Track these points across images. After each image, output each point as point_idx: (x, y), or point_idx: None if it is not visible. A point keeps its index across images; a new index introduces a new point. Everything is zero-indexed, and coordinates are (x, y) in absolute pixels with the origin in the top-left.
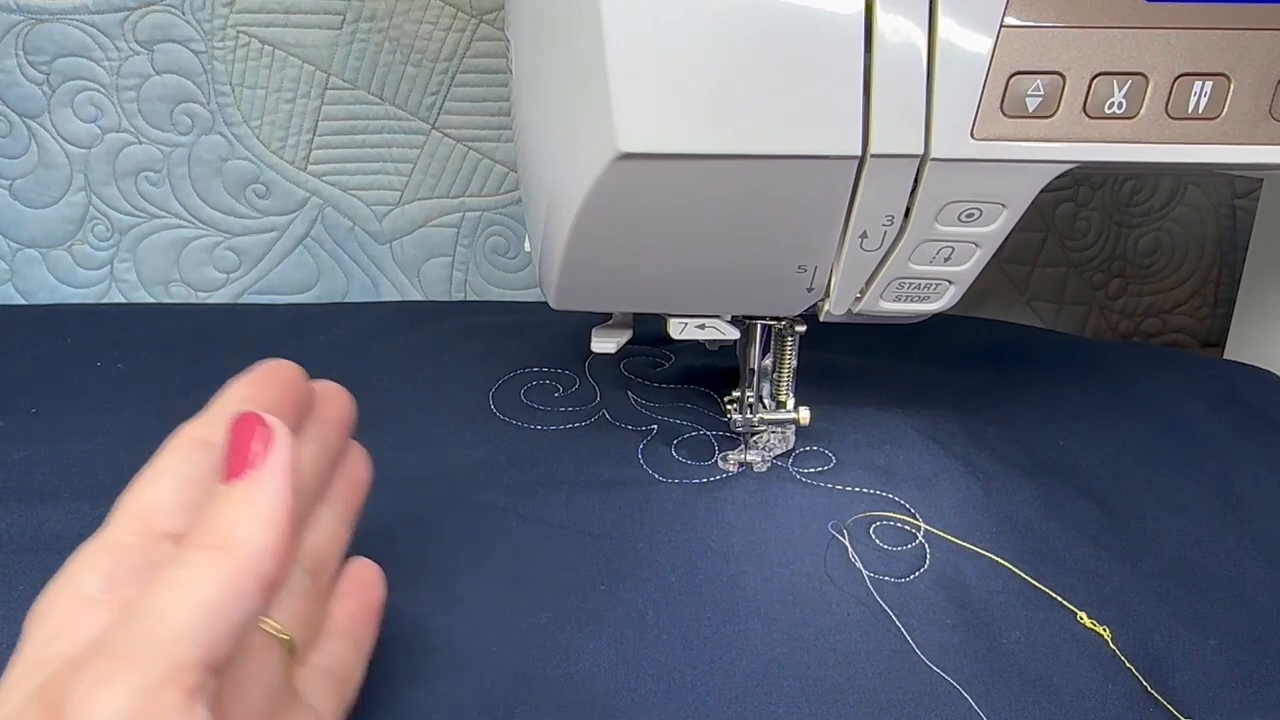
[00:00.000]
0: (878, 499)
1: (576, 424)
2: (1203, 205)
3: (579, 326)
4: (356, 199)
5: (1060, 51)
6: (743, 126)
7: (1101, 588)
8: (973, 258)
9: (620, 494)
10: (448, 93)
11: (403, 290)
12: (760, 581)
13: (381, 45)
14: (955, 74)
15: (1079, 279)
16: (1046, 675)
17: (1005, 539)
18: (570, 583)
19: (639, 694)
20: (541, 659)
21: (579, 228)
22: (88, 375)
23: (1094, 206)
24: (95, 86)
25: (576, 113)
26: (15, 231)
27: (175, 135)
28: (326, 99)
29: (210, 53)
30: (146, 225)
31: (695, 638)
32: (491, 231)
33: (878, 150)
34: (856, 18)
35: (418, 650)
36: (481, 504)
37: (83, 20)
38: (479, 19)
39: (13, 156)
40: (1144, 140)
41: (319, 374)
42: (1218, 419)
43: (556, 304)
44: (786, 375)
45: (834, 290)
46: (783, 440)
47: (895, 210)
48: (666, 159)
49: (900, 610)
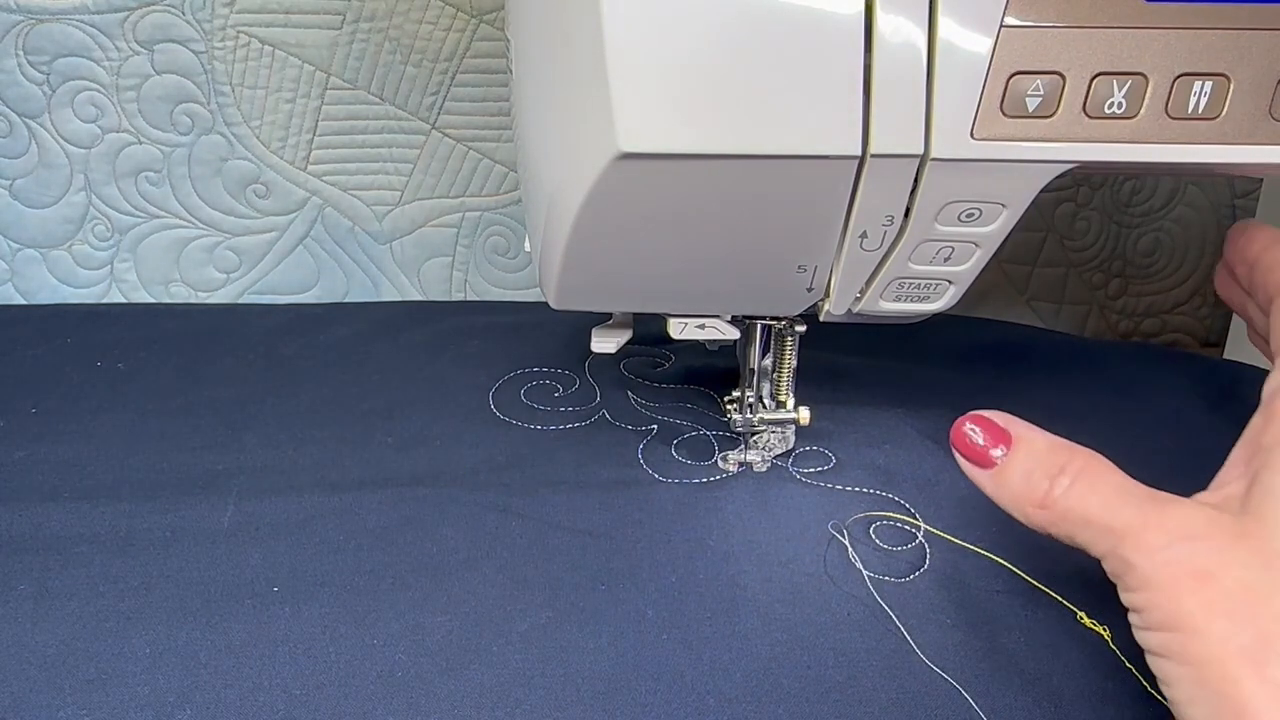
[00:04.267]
0: (878, 499)
1: (576, 424)
2: (1203, 205)
3: (579, 326)
4: (356, 199)
5: (1060, 51)
6: (743, 127)
7: (1102, 588)
8: (973, 258)
9: (620, 494)
10: (448, 93)
11: (403, 290)
12: (760, 581)
13: (381, 45)
14: (955, 74)
15: (1079, 279)
16: (1046, 675)
17: (1005, 539)
18: (570, 583)
19: (639, 694)
20: (541, 659)
21: (579, 228)
22: (88, 375)
23: (1094, 206)
24: (95, 86)
25: (576, 113)
26: (15, 231)
27: (175, 135)
28: (326, 99)
29: (210, 53)
30: (146, 225)
31: (695, 638)
32: (491, 231)
33: (878, 150)
34: (856, 18)
35: (418, 650)
36: (481, 504)
37: (83, 20)
38: (479, 19)
39: (13, 156)
40: (1144, 140)
41: (319, 374)
42: (1217, 419)
43: (556, 304)
44: (786, 375)
45: (834, 290)
46: (783, 440)
47: (895, 210)
48: (666, 159)
49: (900, 610)
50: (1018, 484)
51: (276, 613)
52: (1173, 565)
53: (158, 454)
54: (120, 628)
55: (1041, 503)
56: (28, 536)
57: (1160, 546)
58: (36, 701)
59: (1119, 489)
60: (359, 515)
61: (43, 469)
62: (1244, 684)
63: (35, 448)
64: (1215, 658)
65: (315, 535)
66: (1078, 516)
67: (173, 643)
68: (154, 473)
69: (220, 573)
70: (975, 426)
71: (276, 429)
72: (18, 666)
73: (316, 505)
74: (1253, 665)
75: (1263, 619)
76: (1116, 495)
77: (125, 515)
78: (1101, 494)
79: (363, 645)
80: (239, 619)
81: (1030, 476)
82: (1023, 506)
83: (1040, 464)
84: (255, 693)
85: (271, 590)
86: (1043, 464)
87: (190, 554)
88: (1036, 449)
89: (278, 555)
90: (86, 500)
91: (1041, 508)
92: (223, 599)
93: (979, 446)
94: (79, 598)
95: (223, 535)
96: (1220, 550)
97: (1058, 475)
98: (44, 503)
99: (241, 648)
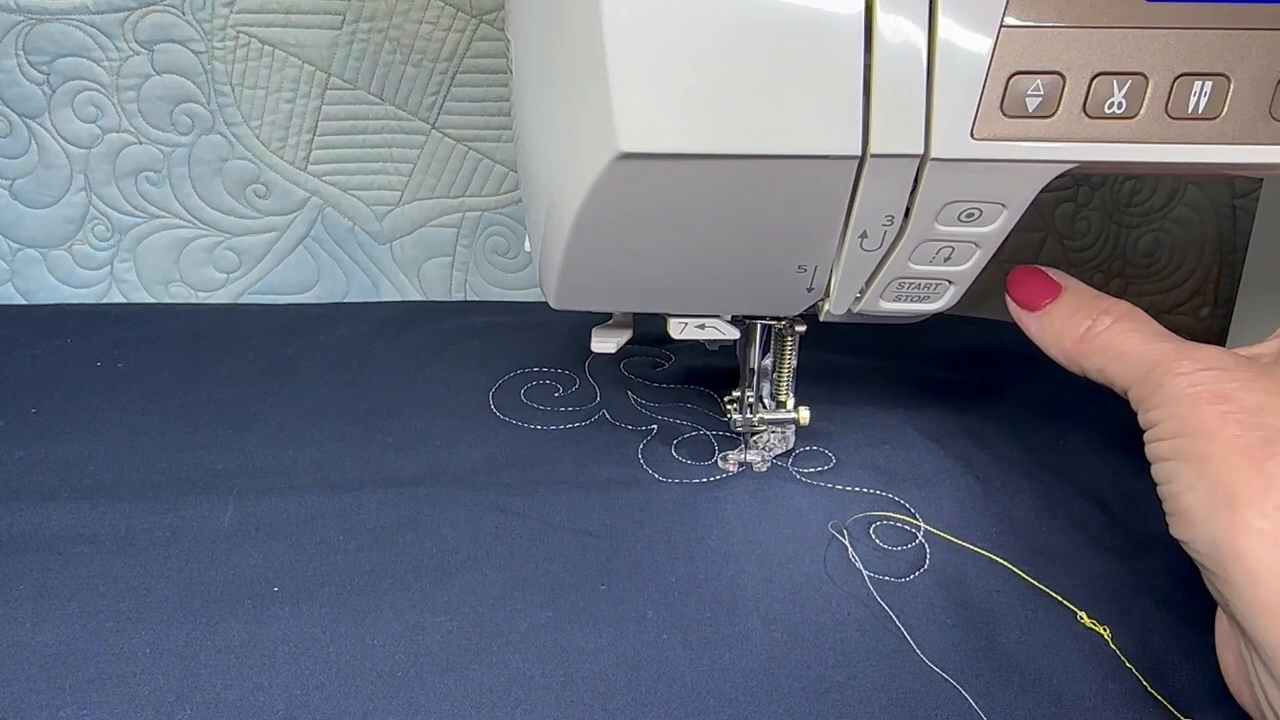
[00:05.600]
0: (878, 499)
1: (576, 424)
2: (1203, 205)
3: (579, 326)
4: (356, 199)
5: (1060, 51)
6: (743, 126)
7: (1101, 588)
8: (973, 258)
9: (620, 494)
10: (448, 93)
11: (403, 290)
12: (760, 581)
13: (381, 45)
14: (955, 74)
15: (1079, 279)
16: (1046, 675)
17: (1005, 539)
18: (570, 583)
19: (639, 694)
20: (541, 659)
21: (579, 228)
22: (88, 375)
23: (1094, 206)
24: (95, 86)
25: (576, 113)
26: (15, 231)
27: (175, 135)
28: (326, 99)
29: (210, 53)
30: (146, 225)
31: (695, 637)
32: (491, 231)
33: (878, 150)
34: (856, 18)
35: (418, 650)
36: (481, 504)
37: (83, 20)
38: (479, 19)
39: (13, 156)
40: (1144, 140)
41: (319, 374)
42: None
43: (556, 304)
44: (786, 375)
45: (834, 290)
46: (783, 440)
47: (895, 210)
48: (666, 159)
49: (900, 610)
50: (1061, 322)
51: (276, 613)
52: (1198, 386)
53: (158, 454)
54: (120, 628)
55: (1083, 337)
56: (28, 536)
57: (1189, 371)
58: (36, 701)
59: (1156, 331)
60: (359, 515)
61: (43, 469)
62: (1242, 473)
63: (35, 448)
64: (1221, 453)
65: (315, 535)
66: (1116, 350)
67: (173, 643)
68: (154, 473)
69: (220, 573)
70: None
71: (276, 429)
72: (18, 666)
73: (316, 505)
74: (1252, 460)
75: (1269, 427)
76: (1154, 334)
77: (125, 515)
78: (1141, 332)
79: (363, 645)
80: (239, 619)
81: (1075, 314)
82: (1062, 341)
83: (1086, 305)
84: (255, 693)
85: (271, 590)
86: (1088, 305)
87: (190, 554)
88: (1084, 294)
89: (278, 555)
90: (86, 500)
91: (1082, 341)
92: (223, 599)
93: (1034, 290)
94: (79, 598)
95: (223, 535)
96: (1244, 381)
97: (1101, 314)
98: (44, 503)
99: (241, 648)
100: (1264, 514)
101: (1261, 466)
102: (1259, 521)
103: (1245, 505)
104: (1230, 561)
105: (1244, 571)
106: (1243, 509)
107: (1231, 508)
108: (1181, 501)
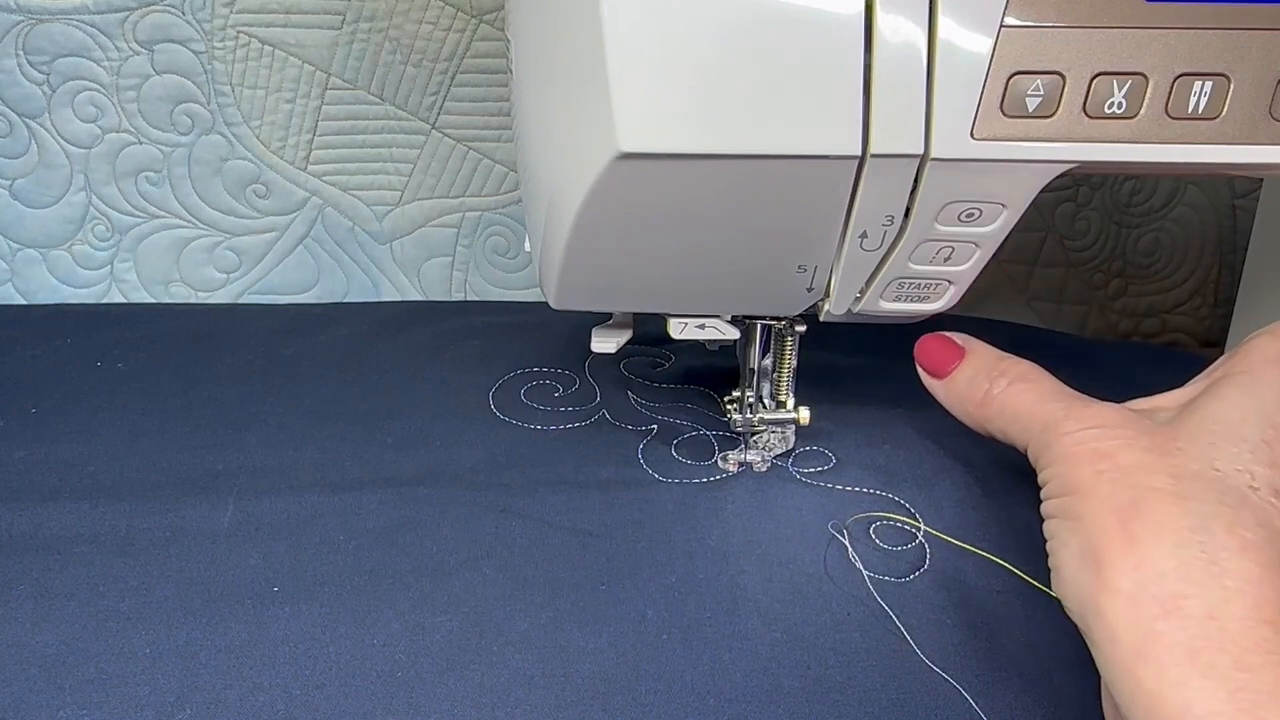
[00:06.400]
0: (878, 499)
1: (576, 424)
2: (1203, 205)
3: (579, 326)
4: (356, 199)
5: (1060, 51)
6: (743, 126)
7: None
8: (973, 258)
9: (620, 494)
10: (448, 93)
11: (403, 290)
12: (760, 581)
13: (381, 45)
14: (955, 74)
15: (1079, 279)
16: (1046, 675)
17: (1005, 539)
18: (570, 583)
19: (639, 694)
20: (541, 659)
21: (579, 228)
22: (88, 375)
23: (1094, 206)
24: (95, 86)
25: (576, 113)
26: (15, 231)
27: (175, 135)
28: (326, 99)
29: (210, 53)
30: (146, 225)
31: (695, 637)
32: (491, 231)
33: (878, 150)
34: (856, 18)
35: (418, 650)
36: (481, 504)
37: (83, 20)
38: (479, 19)
39: (13, 156)
40: (1144, 140)
41: (319, 374)
42: None
43: (556, 304)
44: (786, 375)
45: (834, 290)
46: (783, 440)
47: (895, 210)
48: (666, 159)
49: (900, 610)
50: (964, 386)
51: (276, 613)
52: (1080, 445)
53: (158, 454)
54: (120, 628)
55: (983, 401)
56: (28, 536)
57: (1073, 430)
58: (36, 701)
59: (1051, 391)
60: (359, 515)
61: (43, 469)
62: (1108, 532)
63: (35, 448)
64: (1093, 512)
65: (315, 535)
66: (1012, 412)
67: (172, 643)
68: (154, 473)
69: (220, 573)
70: (935, 344)
71: (276, 429)
72: (18, 666)
73: (316, 505)
74: (1120, 519)
75: (1139, 487)
76: (1049, 394)
77: (125, 515)
78: (1035, 394)
79: (363, 645)
80: (239, 619)
81: (975, 379)
82: (965, 406)
83: (985, 368)
84: (255, 693)
85: (271, 590)
86: (986, 368)
87: (190, 554)
88: (984, 357)
89: (278, 555)
90: (86, 500)
91: (982, 405)
92: (222, 599)
93: (939, 357)
94: (79, 598)
95: (223, 535)
96: (1125, 439)
97: (997, 377)
98: (44, 503)
99: (241, 648)
100: (1124, 573)
101: (1127, 526)
102: (1119, 581)
103: (1108, 565)
104: (1093, 618)
105: (1104, 629)
106: (1106, 569)
107: (1097, 568)
108: (1057, 559)
